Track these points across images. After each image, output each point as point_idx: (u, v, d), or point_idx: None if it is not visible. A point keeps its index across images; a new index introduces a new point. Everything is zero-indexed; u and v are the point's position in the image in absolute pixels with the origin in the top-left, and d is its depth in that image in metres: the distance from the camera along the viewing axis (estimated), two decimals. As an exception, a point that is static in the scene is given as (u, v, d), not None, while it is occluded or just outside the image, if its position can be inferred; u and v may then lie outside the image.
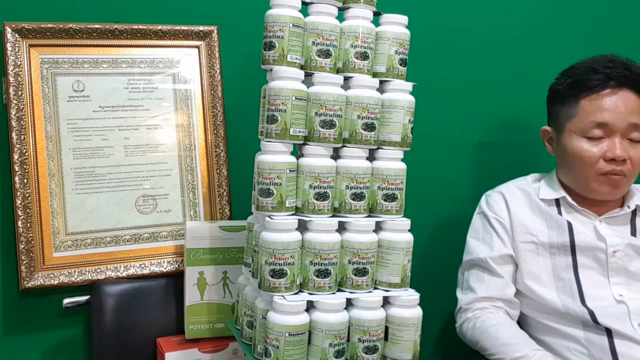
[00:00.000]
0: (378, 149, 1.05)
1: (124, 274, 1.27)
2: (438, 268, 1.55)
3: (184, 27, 1.34)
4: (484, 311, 1.29)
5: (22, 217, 1.21)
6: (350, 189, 1.02)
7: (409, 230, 1.04)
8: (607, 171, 1.25)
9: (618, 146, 1.24)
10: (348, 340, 0.99)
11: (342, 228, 1.02)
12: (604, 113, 1.24)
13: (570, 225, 1.29)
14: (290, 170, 0.99)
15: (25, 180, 1.21)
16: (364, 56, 1.03)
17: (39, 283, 1.22)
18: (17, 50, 1.22)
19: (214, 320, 1.24)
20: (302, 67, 1.02)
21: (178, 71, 1.35)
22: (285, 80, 0.99)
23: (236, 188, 1.37)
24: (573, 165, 1.29)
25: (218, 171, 1.36)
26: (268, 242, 0.97)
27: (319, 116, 1.00)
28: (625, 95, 1.25)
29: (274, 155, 0.99)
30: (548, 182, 1.37)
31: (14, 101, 1.21)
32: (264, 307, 1.00)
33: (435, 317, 1.57)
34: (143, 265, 1.29)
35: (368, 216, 1.04)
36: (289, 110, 0.98)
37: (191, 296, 1.23)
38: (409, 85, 1.06)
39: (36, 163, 1.23)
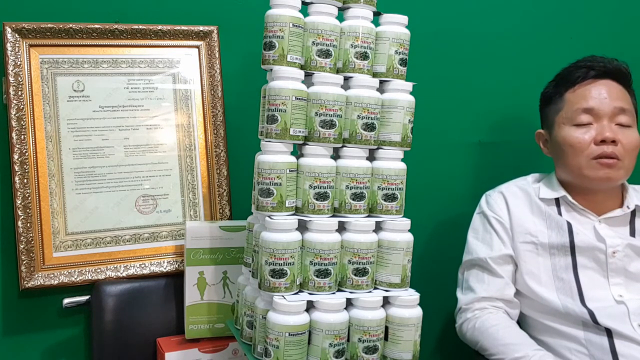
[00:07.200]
0: (378, 149, 1.05)
1: (124, 274, 1.27)
2: (438, 268, 1.55)
3: (184, 27, 1.33)
4: (483, 311, 1.29)
5: (22, 217, 1.21)
6: (350, 189, 1.02)
7: (409, 230, 1.04)
8: (599, 154, 1.26)
9: (607, 128, 1.27)
10: (348, 340, 0.99)
11: (342, 228, 1.02)
12: (588, 100, 1.29)
13: (570, 225, 1.30)
14: (290, 170, 0.99)
15: (25, 180, 1.21)
16: (364, 56, 1.03)
17: (39, 283, 1.22)
18: (17, 50, 1.22)
19: (214, 320, 1.24)
20: (302, 67, 1.02)
21: (178, 71, 1.35)
22: (285, 80, 0.99)
23: (236, 188, 1.37)
24: (566, 156, 1.30)
25: (218, 171, 1.36)
26: (268, 242, 0.97)
27: (319, 116, 1.00)
28: (608, 83, 1.30)
29: (274, 155, 0.99)
30: (548, 182, 1.37)
31: (14, 101, 1.21)
32: (264, 307, 1.00)
33: (435, 317, 1.57)
34: (143, 265, 1.29)
35: (368, 216, 1.04)
36: (289, 110, 0.98)
37: (191, 296, 1.23)
38: (409, 85, 1.06)
39: (36, 163, 1.23)
